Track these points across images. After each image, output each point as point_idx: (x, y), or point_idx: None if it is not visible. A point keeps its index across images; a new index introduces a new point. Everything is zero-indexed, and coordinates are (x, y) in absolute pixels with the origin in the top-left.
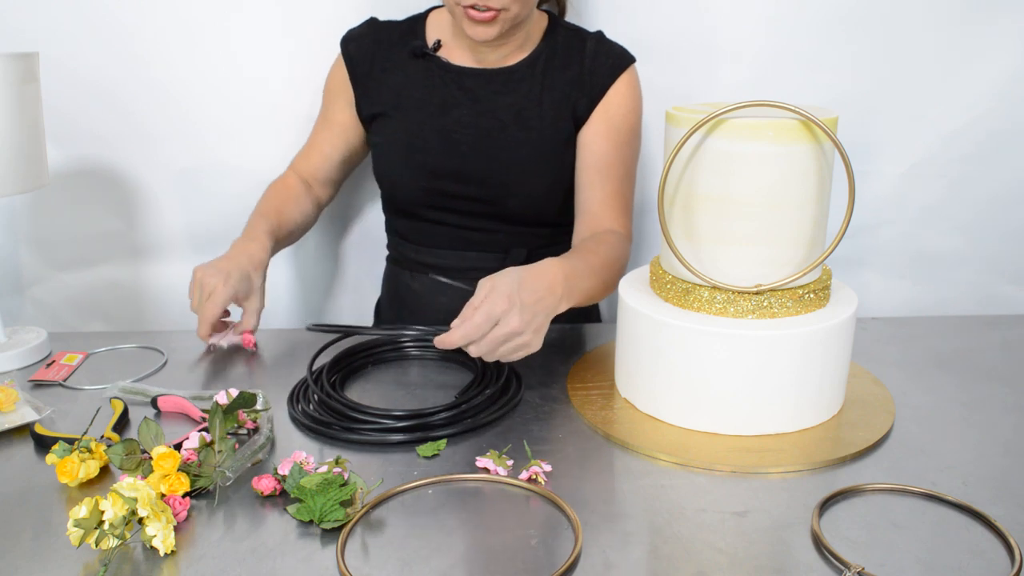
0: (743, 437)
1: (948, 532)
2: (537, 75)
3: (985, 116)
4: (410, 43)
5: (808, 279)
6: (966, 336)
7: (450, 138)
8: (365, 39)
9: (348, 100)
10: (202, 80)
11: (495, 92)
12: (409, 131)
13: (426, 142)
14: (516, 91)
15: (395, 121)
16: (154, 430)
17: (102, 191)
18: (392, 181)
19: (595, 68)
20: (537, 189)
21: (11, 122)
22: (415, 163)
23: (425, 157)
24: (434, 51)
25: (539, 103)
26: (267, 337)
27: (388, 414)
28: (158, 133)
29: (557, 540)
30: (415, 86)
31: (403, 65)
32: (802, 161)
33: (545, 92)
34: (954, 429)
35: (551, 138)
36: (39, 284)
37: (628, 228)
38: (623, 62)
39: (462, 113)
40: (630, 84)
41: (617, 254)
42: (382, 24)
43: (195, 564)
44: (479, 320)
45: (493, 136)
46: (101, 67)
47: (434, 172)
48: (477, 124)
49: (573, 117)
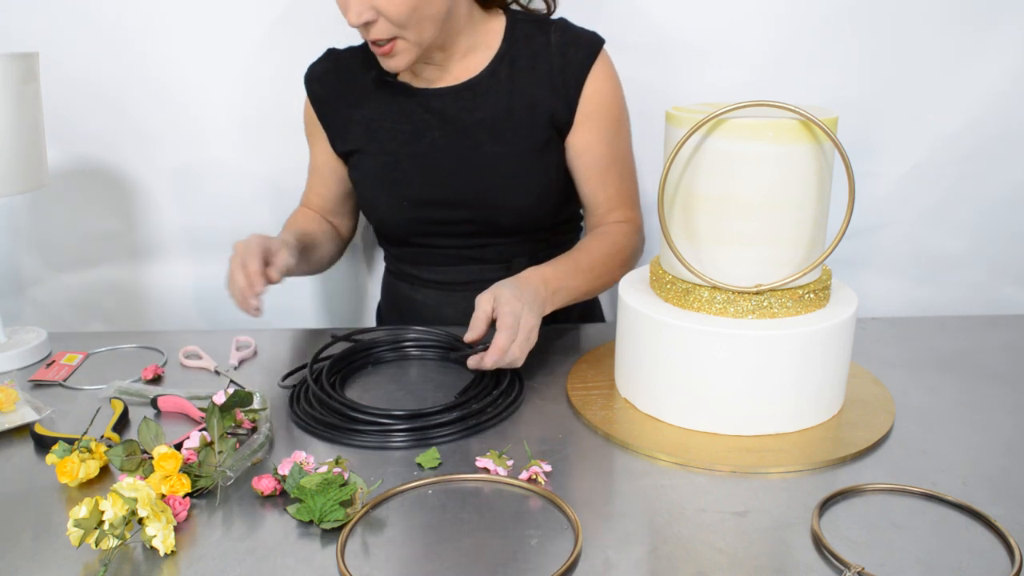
0: (743, 437)
1: (948, 532)
2: (502, 83)
3: (986, 117)
4: (371, 71)
5: (808, 279)
6: (967, 336)
7: (428, 165)
8: (328, 76)
9: (322, 139)
10: (202, 80)
11: (463, 109)
12: (386, 164)
13: (405, 173)
14: (484, 105)
15: (370, 156)
16: (154, 430)
17: (102, 191)
18: (377, 215)
19: (565, 65)
20: (525, 201)
21: (11, 122)
22: (397, 195)
23: (406, 189)
24: (394, 76)
25: (510, 113)
26: (267, 337)
27: (388, 414)
28: (158, 134)
29: (557, 540)
30: (384, 116)
31: (368, 96)
32: (802, 161)
33: (515, 99)
34: (954, 429)
35: (529, 147)
36: (38, 284)
37: (636, 216)
38: (592, 51)
39: (435, 136)
40: (605, 72)
41: (620, 246)
42: (342, 53)
43: (195, 564)
44: (510, 321)
45: (470, 156)
46: (101, 68)
47: (417, 202)
48: (452, 146)
49: (552, 122)
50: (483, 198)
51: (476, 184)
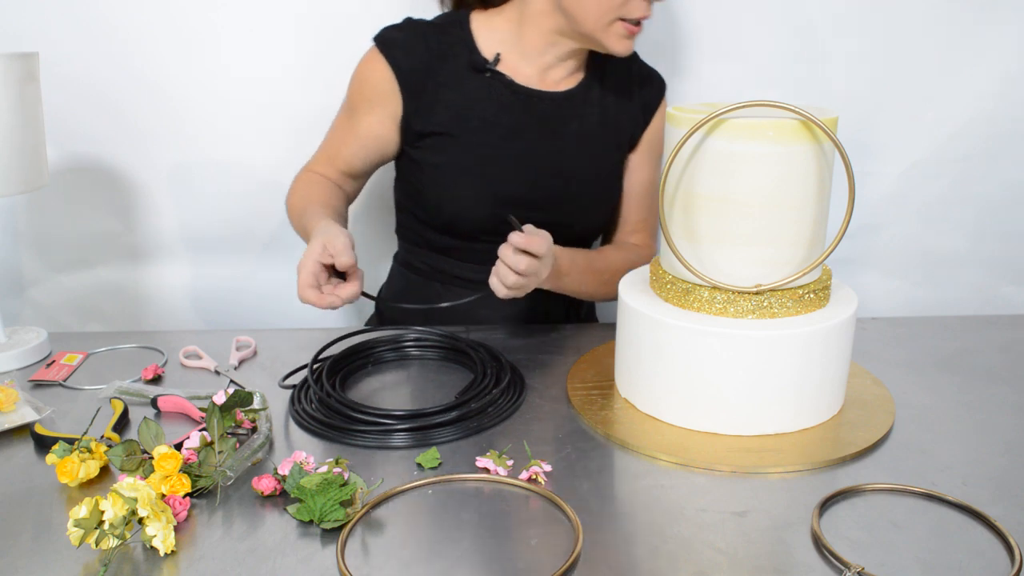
0: (743, 437)
1: (948, 532)
2: (595, 100)
3: (985, 117)
4: (461, 53)
5: (808, 279)
6: (967, 336)
7: (522, 165)
8: (414, 47)
9: (389, 111)
10: (200, 81)
11: (563, 118)
12: (477, 155)
13: (497, 168)
14: (580, 117)
15: (461, 143)
16: (154, 430)
17: (100, 192)
18: (452, 205)
19: (645, 97)
20: (598, 217)
21: (11, 122)
22: (482, 188)
23: (495, 184)
24: (495, 65)
25: (598, 130)
26: (267, 337)
27: (388, 414)
28: (156, 134)
29: (557, 540)
30: (479, 105)
31: (459, 79)
32: (802, 161)
33: (605, 117)
34: (954, 429)
35: (611, 165)
36: (37, 285)
37: (653, 245)
38: (663, 88)
39: (532, 138)
40: (664, 110)
41: (633, 263)
42: (426, 27)
43: (195, 564)
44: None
45: (561, 163)
46: (99, 68)
47: (502, 198)
48: (545, 151)
49: (629, 145)
50: (564, 207)
51: (561, 192)
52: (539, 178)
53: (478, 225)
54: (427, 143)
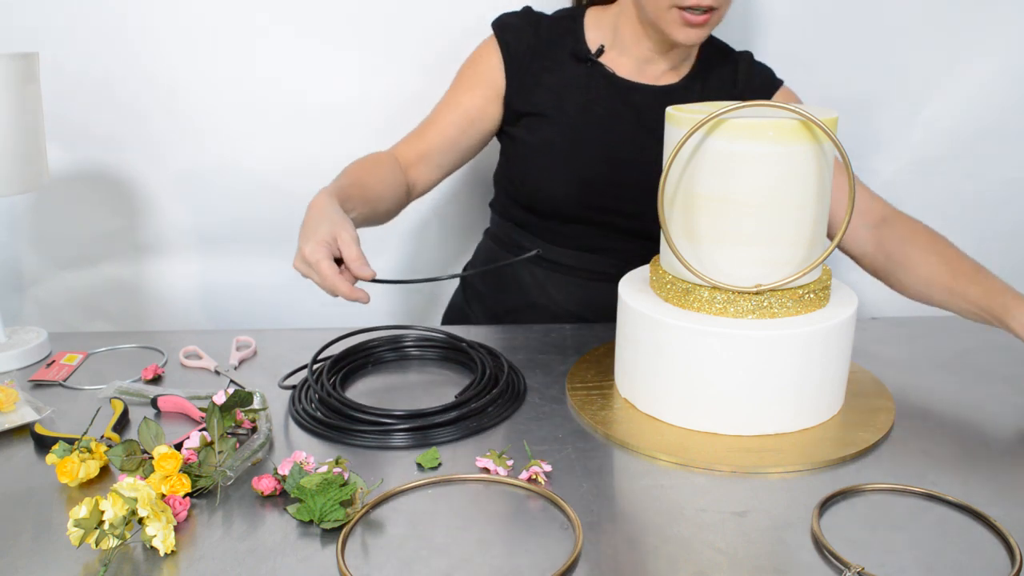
0: (743, 437)
1: (948, 532)
2: (695, 97)
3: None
4: (568, 43)
5: (808, 279)
6: (966, 336)
7: (613, 153)
8: (525, 31)
9: (492, 89)
10: (203, 79)
11: (659, 112)
12: (570, 138)
13: (588, 153)
14: None
15: (555, 125)
16: (154, 430)
17: (103, 191)
18: (540, 185)
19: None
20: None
21: (11, 122)
22: (571, 171)
23: (584, 167)
24: (597, 57)
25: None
26: (267, 337)
27: (388, 414)
28: (159, 132)
29: (557, 540)
30: (577, 91)
31: (562, 66)
32: (802, 161)
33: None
34: (954, 429)
35: None
36: (40, 284)
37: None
38: (773, 86)
39: (626, 129)
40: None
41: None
42: (539, 17)
43: (195, 564)
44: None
45: (652, 156)
46: (102, 66)
47: (590, 183)
48: (638, 142)
49: None
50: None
51: (644, 183)
52: (624, 167)
53: (558, 205)
54: (524, 122)
